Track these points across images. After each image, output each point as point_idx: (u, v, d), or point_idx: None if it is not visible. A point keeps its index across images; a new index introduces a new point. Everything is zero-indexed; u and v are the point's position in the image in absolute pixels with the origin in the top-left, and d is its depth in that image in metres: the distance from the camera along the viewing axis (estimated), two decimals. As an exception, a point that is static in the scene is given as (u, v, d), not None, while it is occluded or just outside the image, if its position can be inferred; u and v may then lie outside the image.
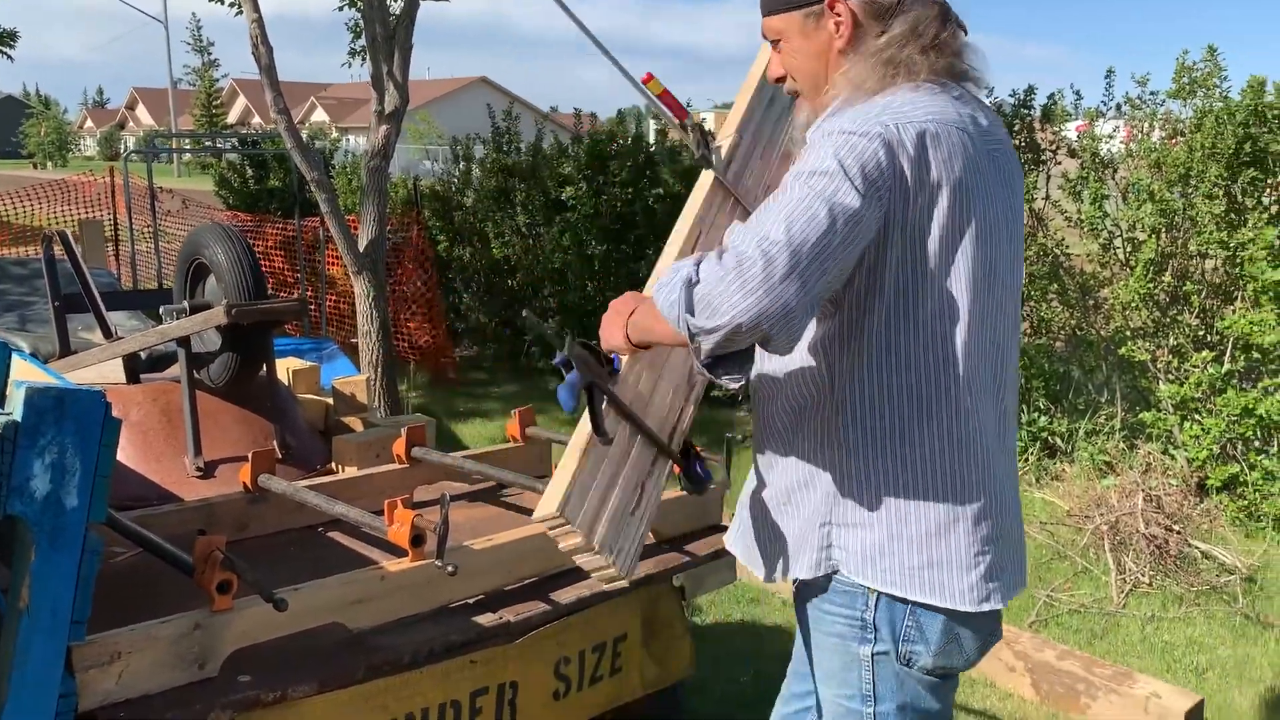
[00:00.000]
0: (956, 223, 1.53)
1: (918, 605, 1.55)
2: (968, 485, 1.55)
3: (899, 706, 1.61)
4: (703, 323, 1.44)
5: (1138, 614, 3.91)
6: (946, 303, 1.54)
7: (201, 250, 2.73)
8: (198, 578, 1.68)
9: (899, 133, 1.49)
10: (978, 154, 1.56)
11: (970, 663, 1.63)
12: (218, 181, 12.43)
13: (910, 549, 1.55)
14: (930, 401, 1.55)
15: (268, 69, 5.01)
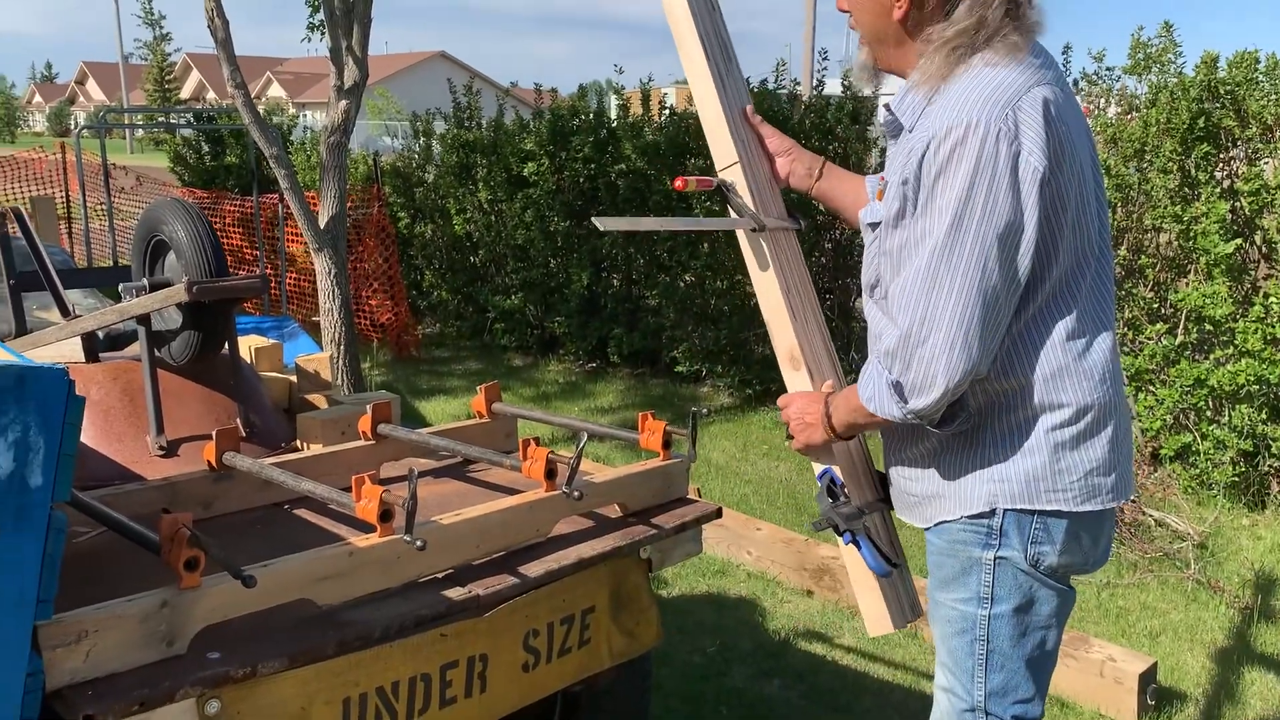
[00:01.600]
0: (1080, 180, 1.63)
1: (1044, 513, 1.68)
2: (1103, 405, 1.68)
3: (1015, 609, 1.73)
4: (921, 405, 1.62)
5: (1093, 580, 3.99)
6: (1086, 252, 1.67)
7: (160, 226, 2.69)
8: (165, 555, 1.67)
9: (1024, 113, 1.55)
10: (1064, 100, 1.63)
11: (1091, 562, 1.77)
12: (173, 158, 12.22)
13: (1064, 467, 1.67)
14: (1082, 337, 1.67)
15: (224, 42, 4.94)
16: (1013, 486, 1.68)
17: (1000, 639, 1.75)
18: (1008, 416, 1.69)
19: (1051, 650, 1.80)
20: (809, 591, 3.90)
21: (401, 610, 1.85)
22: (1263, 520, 4.63)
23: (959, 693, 1.81)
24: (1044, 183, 1.56)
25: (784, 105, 6.68)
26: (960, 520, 1.73)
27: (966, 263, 1.56)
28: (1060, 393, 1.67)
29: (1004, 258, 1.56)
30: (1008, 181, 1.54)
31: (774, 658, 3.41)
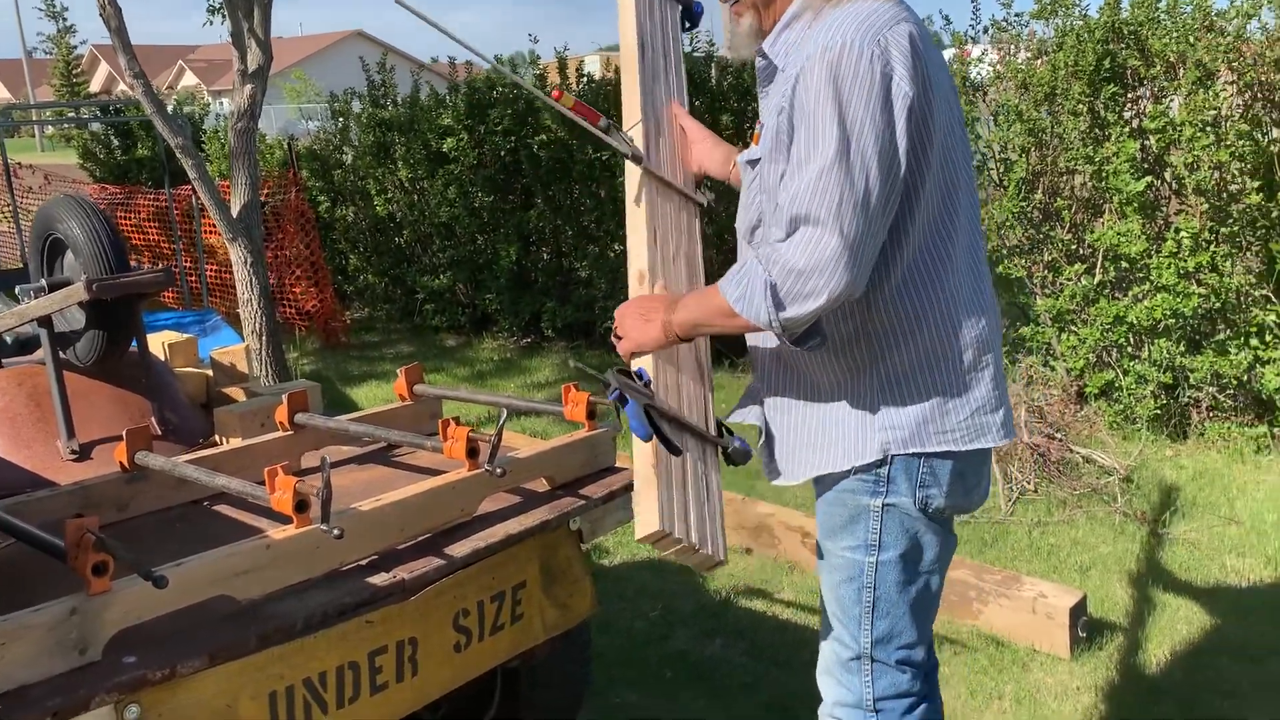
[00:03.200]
0: (948, 116, 1.66)
1: (932, 455, 1.71)
2: (983, 343, 1.72)
3: (901, 555, 1.77)
4: (796, 314, 1.58)
5: (1024, 520, 4.08)
6: (955, 191, 1.69)
7: (55, 225, 2.60)
8: (71, 562, 1.63)
9: (888, 49, 1.58)
10: (925, 38, 1.66)
11: (974, 501, 1.82)
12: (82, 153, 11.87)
13: (951, 408, 1.70)
14: (959, 276, 1.70)
15: (118, 31, 4.78)
16: (902, 432, 1.70)
17: (887, 585, 1.78)
18: (891, 361, 1.70)
19: (935, 593, 1.85)
20: (748, 549, 3.93)
21: (324, 600, 1.83)
22: (1184, 450, 4.76)
23: (845, 640, 1.84)
24: (911, 109, 1.58)
25: (702, 68, 6.66)
26: (850, 470, 1.75)
27: (850, 177, 1.55)
28: (942, 332, 1.69)
29: (882, 176, 1.57)
30: (881, 103, 1.56)
31: (715, 618, 3.43)
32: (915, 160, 1.62)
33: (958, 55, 5.62)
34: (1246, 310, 4.66)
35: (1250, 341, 4.61)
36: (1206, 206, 4.61)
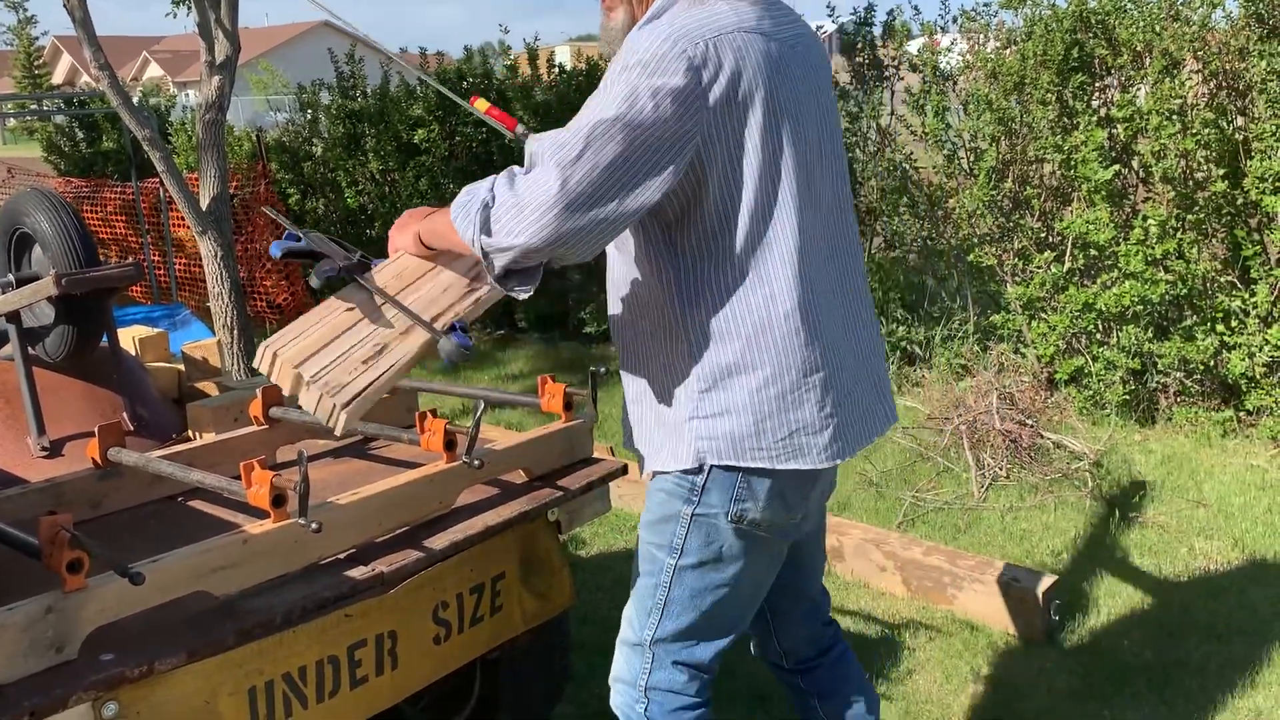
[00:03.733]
0: (769, 129, 1.62)
1: (749, 471, 1.70)
2: (809, 364, 1.68)
3: (699, 562, 1.78)
4: (497, 242, 1.58)
5: (997, 506, 4.12)
6: (774, 206, 1.65)
7: (22, 219, 2.57)
8: (46, 560, 1.61)
9: (704, 47, 1.56)
10: (778, 54, 1.64)
11: (796, 517, 1.80)
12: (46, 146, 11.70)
13: (768, 427, 1.68)
14: (777, 303, 1.66)
15: (83, 22, 4.71)
16: (719, 444, 1.69)
17: (681, 589, 1.79)
18: (712, 374, 1.68)
19: (741, 605, 1.85)
20: (724, 539, 3.95)
21: (303, 594, 1.82)
22: (1153, 435, 4.82)
23: (634, 625, 1.88)
24: (714, 115, 1.57)
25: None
26: (674, 473, 1.76)
27: (602, 141, 1.54)
28: (762, 351, 1.66)
29: (635, 158, 1.54)
30: (676, 99, 1.54)
31: (693, 607, 3.45)
32: (724, 176, 1.60)
33: (927, 45, 5.65)
34: (1213, 296, 4.72)
35: (1216, 327, 4.67)
36: (1173, 194, 4.66)
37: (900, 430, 4.92)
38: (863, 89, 6.13)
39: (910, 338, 5.76)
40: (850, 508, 4.19)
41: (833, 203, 1.76)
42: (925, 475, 4.46)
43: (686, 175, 1.60)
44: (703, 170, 1.61)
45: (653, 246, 1.70)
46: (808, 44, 1.74)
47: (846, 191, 1.82)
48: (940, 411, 4.91)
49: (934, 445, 4.69)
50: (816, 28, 6.32)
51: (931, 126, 5.39)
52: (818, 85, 1.73)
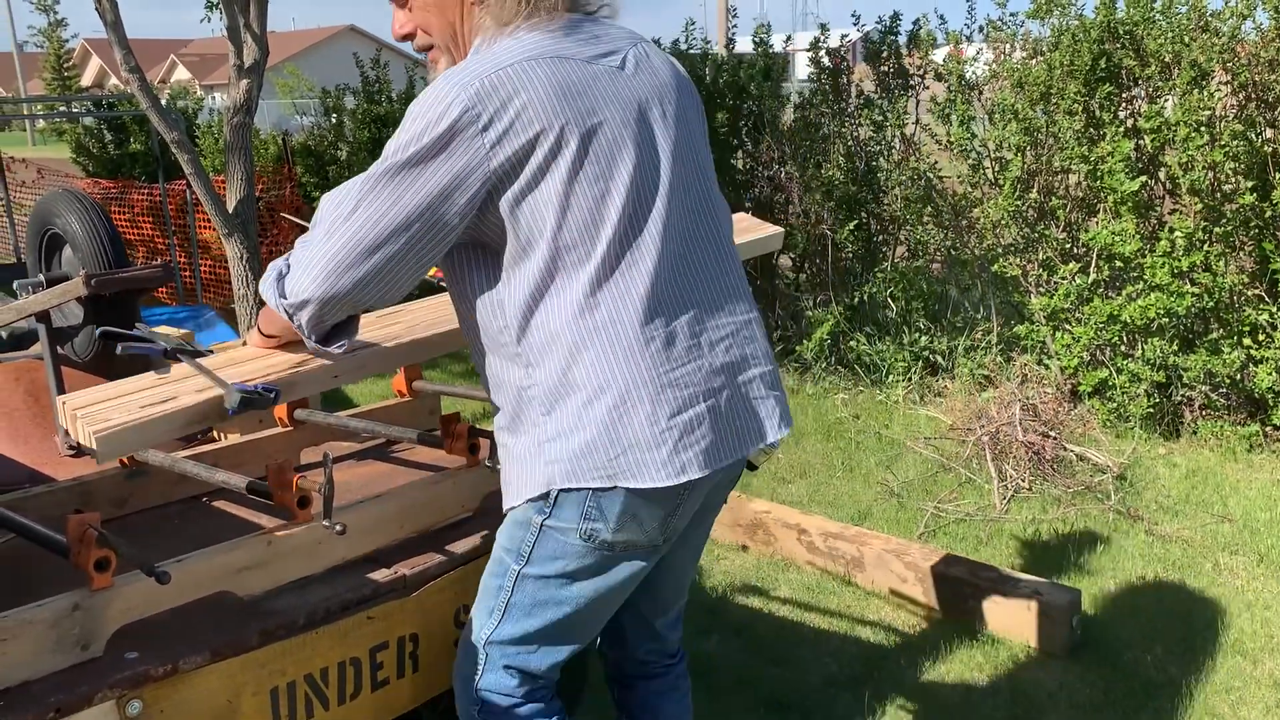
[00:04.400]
0: (564, 149, 1.59)
1: (595, 490, 1.65)
2: (636, 378, 1.62)
3: (543, 574, 1.73)
4: (293, 300, 1.66)
5: (1019, 518, 4.09)
6: (589, 224, 1.62)
7: (53, 219, 2.59)
8: (74, 557, 1.63)
9: (478, 84, 1.56)
10: (578, 75, 1.63)
11: (653, 539, 1.71)
12: (75, 148, 11.82)
13: (599, 445, 1.62)
14: (587, 313, 1.62)
15: (114, 25, 4.76)
16: (562, 466, 1.64)
17: (523, 596, 1.75)
18: (549, 397, 1.65)
19: (586, 621, 1.79)
20: (744, 546, 3.94)
21: (326, 596, 1.83)
22: (1177, 448, 4.78)
23: (476, 623, 1.83)
24: (500, 148, 1.56)
25: (697, 65, 6.66)
26: (523, 503, 1.72)
27: (375, 204, 1.58)
28: (587, 369, 1.62)
29: (422, 207, 1.57)
30: (445, 137, 1.55)
31: (711, 614, 3.44)
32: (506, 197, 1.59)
33: (952, 54, 5.63)
34: (1239, 310, 4.68)
35: (1243, 341, 4.63)
36: (1200, 206, 4.63)
37: (922, 440, 4.90)
38: (887, 98, 6.12)
39: (933, 348, 5.73)
40: (871, 518, 4.18)
41: (677, 211, 1.70)
42: (947, 486, 4.44)
43: (488, 208, 1.60)
44: (502, 201, 1.59)
45: (480, 277, 1.68)
46: (637, 59, 1.72)
47: (698, 198, 1.75)
48: (963, 422, 4.89)
49: (956, 456, 4.67)
50: (841, 36, 6.31)
51: (956, 136, 5.37)
52: (644, 96, 1.70)
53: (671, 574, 1.96)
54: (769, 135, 6.34)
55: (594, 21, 1.74)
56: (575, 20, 1.71)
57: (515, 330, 1.66)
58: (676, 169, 1.71)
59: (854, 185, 6.00)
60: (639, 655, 2.07)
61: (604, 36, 1.73)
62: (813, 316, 5.96)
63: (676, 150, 1.72)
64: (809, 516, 3.90)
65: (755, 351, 1.78)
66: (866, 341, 5.87)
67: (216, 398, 1.74)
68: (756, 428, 1.75)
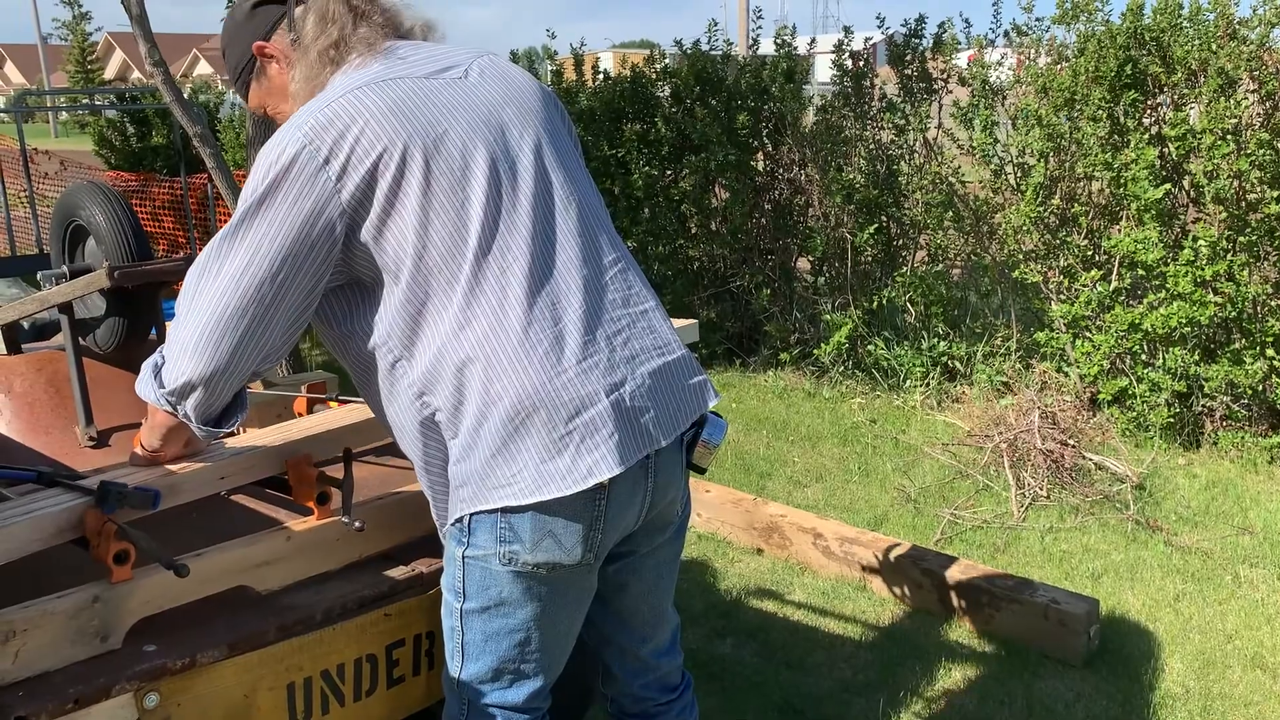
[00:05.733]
0: (409, 169, 1.58)
1: (503, 510, 1.60)
2: (521, 389, 1.57)
3: (482, 607, 1.69)
4: (173, 387, 1.62)
5: (1037, 526, 4.07)
6: (446, 243, 1.59)
7: (77, 211, 2.60)
8: (93, 550, 1.64)
9: (310, 122, 1.57)
10: (413, 94, 1.62)
11: (575, 556, 1.65)
12: (97, 140, 11.91)
13: (498, 462, 1.58)
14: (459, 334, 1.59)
15: (139, 18, 4.79)
16: (469, 489, 1.62)
17: (473, 633, 1.71)
18: (447, 424, 1.63)
19: (540, 645, 1.73)
20: (759, 550, 3.93)
21: (344, 592, 1.84)
22: (1197, 459, 4.74)
23: (447, 667, 1.78)
24: (345, 181, 1.55)
25: (719, 66, 6.65)
26: (447, 528, 1.70)
27: (237, 264, 1.56)
28: (469, 389, 1.59)
29: (275, 263, 1.55)
30: (293, 191, 1.54)
31: (726, 617, 3.43)
32: (364, 228, 1.57)
33: (978, 59, 5.60)
34: (1263, 320, 4.64)
35: (1266, 351, 4.59)
36: (1225, 215, 4.59)
37: (940, 446, 4.88)
38: (910, 101, 6.09)
39: (951, 353, 5.71)
40: (888, 523, 4.16)
41: (546, 211, 1.67)
42: (964, 493, 4.42)
43: (352, 243, 1.58)
44: (363, 231, 1.58)
45: (362, 315, 1.65)
46: (482, 69, 1.72)
47: (569, 196, 1.71)
48: (980, 429, 4.87)
49: (973, 462, 4.64)
50: (865, 40, 6.29)
51: (979, 141, 5.34)
52: (494, 101, 1.68)
53: (639, 601, 1.88)
54: (790, 137, 6.32)
55: (432, 44, 1.76)
56: (408, 45, 1.72)
57: (405, 361, 1.62)
58: (541, 170, 1.68)
59: (875, 189, 5.98)
60: (635, 691, 1.97)
61: (441, 54, 1.73)
62: (831, 320, 5.94)
63: (539, 151, 1.69)
64: (825, 521, 3.88)
65: (657, 341, 1.71)
66: (884, 346, 5.84)
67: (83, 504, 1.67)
68: (669, 416, 1.68)
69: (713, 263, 6.70)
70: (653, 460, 1.67)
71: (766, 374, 6.23)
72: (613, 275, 1.71)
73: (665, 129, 6.51)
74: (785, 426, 5.39)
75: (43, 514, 1.64)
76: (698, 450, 1.76)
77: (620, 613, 1.88)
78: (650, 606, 1.90)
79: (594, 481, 1.57)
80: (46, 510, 1.65)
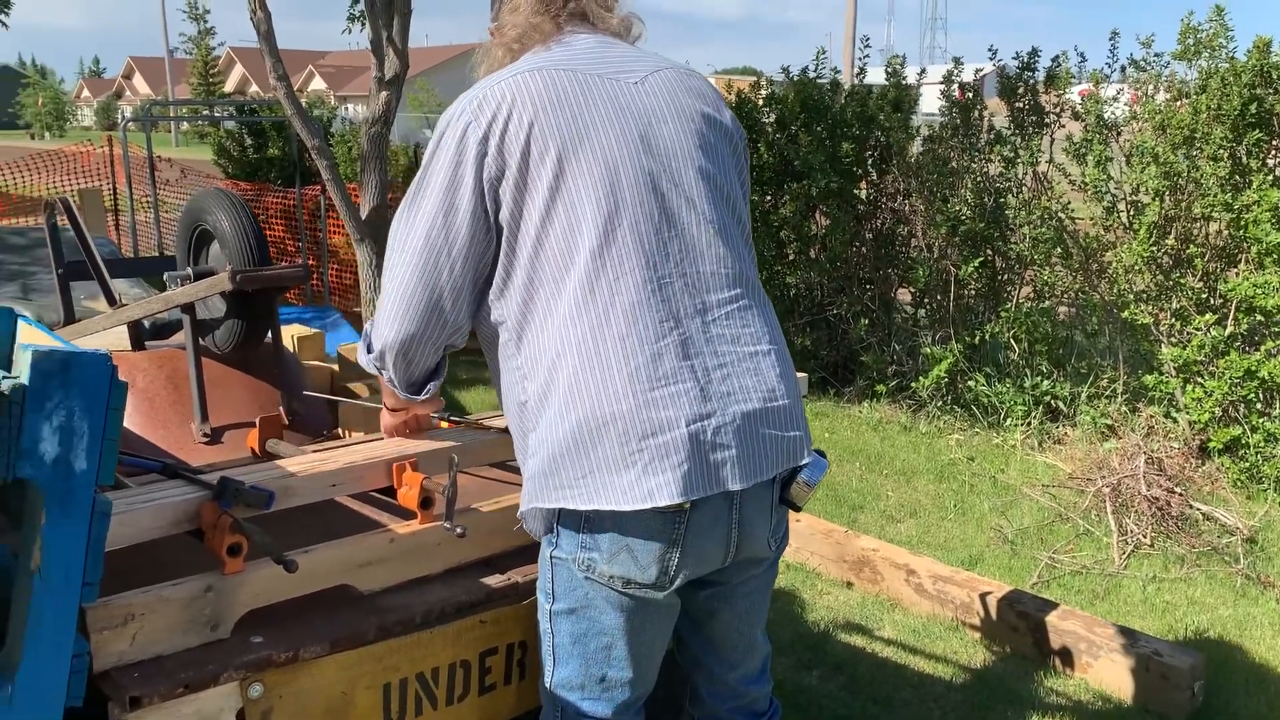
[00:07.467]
0: (545, 156, 1.63)
1: (588, 513, 1.62)
2: (606, 396, 1.59)
3: (569, 609, 1.71)
4: (378, 350, 1.75)
5: (1139, 575, 3.93)
6: (565, 236, 1.63)
7: (204, 216, 2.72)
8: (208, 541, 1.69)
9: (480, 95, 1.66)
10: (578, 85, 1.67)
11: (650, 576, 1.63)
12: (216, 150, 12.37)
13: (565, 463, 1.61)
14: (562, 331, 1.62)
15: (266, 35, 4.98)
16: (537, 482, 1.64)
17: (561, 635, 1.73)
18: (533, 412, 1.66)
19: (623, 658, 1.72)
20: (849, 583, 3.87)
21: (442, 596, 1.86)
22: (1315, 515, 4.53)
23: (542, 673, 1.80)
24: (491, 156, 1.62)
25: (825, 94, 6.62)
26: (526, 514, 1.74)
27: (415, 234, 1.66)
28: (567, 382, 1.60)
29: (446, 233, 1.64)
30: (454, 162, 1.64)
31: (813, 649, 3.39)
32: (501, 206, 1.64)
33: (1093, 94, 5.47)
34: (1391, 373, 4.43)
35: (1393, 406, 4.38)
36: (1353, 262, 4.40)
37: (1040, 487, 4.76)
38: (1020, 134, 5.99)
39: (1054, 393, 5.56)
40: (983, 563, 4.06)
41: (681, 230, 1.67)
42: (1063, 536, 4.29)
43: (496, 219, 1.65)
44: (502, 210, 1.64)
45: (489, 293, 1.71)
46: (659, 79, 1.75)
47: (710, 221, 1.70)
48: (1082, 471, 4.73)
49: (1074, 506, 4.51)
50: (975, 70, 6.21)
51: (1092, 177, 5.22)
52: (654, 111, 1.71)
53: (730, 628, 1.86)
54: (896, 166, 6.27)
55: (624, 46, 1.80)
56: (596, 40, 1.77)
57: (514, 344, 1.69)
58: (682, 192, 1.69)
59: (981, 221, 5.88)
60: (721, 715, 1.96)
61: (625, 57, 1.77)
62: (930, 353, 5.84)
63: (687, 172, 1.70)
64: (918, 557, 3.81)
65: (761, 385, 1.68)
66: (985, 382, 5.73)
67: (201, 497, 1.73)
68: (753, 461, 1.65)
69: (810, 290, 6.66)
70: (737, 496, 1.66)
71: (861, 405, 6.16)
72: (729, 311, 1.70)
73: (768, 154, 6.51)
74: (879, 459, 5.31)
75: (164, 503, 1.71)
76: (794, 488, 1.74)
77: (711, 638, 1.88)
78: (741, 634, 1.90)
79: (652, 505, 1.57)
80: (168, 500, 1.72)
